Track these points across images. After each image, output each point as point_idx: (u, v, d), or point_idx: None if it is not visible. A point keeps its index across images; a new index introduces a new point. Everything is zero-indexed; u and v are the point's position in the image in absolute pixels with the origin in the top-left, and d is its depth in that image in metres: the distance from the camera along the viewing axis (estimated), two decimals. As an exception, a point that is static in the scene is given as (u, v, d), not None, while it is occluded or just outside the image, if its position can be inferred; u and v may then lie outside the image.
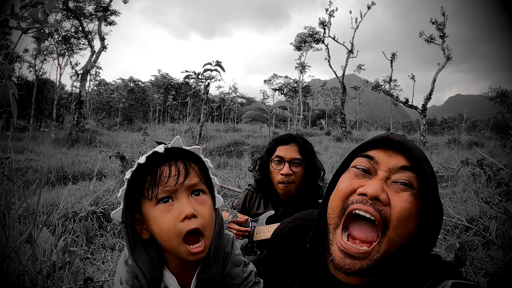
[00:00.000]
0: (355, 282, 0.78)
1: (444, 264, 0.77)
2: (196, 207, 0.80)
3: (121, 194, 0.82)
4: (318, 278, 0.84)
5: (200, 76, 7.83)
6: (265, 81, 47.31)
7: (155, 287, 0.85)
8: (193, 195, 0.82)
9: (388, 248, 0.71)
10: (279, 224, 1.68)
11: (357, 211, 0.72)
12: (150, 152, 0.82)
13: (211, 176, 0.90)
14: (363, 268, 0.71)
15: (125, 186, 0.82)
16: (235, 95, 43.35)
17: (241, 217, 1.77)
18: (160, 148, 0.81)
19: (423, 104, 16.44)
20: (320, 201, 1.74)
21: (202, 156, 0.87)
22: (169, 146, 0.84)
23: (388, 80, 21.75)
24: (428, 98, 16.57)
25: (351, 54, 21.44)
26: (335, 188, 0.82)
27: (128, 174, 0.82)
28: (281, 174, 1.73)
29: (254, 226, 1.79)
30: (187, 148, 0.86)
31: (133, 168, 0.82)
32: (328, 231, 0.79)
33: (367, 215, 0.71)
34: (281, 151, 1.78)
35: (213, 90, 59.76)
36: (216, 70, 7.31)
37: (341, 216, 0.75)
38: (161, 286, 0.87)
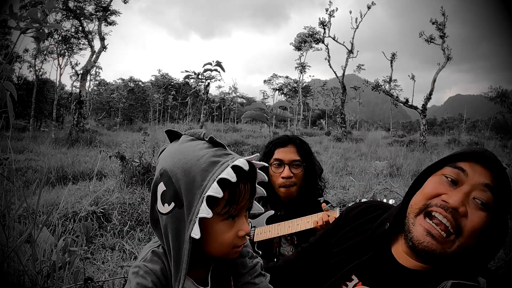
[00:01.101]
0: (414, 266, 0.85)
1: (490, 273, 0.84)
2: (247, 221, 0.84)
3: (207, 212, 0.71)
4: (381, 258, 0.90)
5: (200, 76, 7.83)
6: (265, 81, 47.35)
7: None
8: (247, 212, 0.83)
9: (456, 250, 0.78)
10: (279, 224, 1.68)
11: (436, 214, 0.79)
12: (231, 164, 0.73)
13: (258, 187, 0.86)
14: (436, 252, 0.78)
15: (196, 229, 0.70)
16: (235, 95, 43.39)
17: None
18: (245, 165, 0.74)
19: (423, 104, 16.45)
20: (320, 199, 1.74)
21: (260, 173, 0.83)
22: (251, 160, 0.78)
23: (388, 80, 21.76)
24: (428, 98, 16.58)
25: (351, 54, 21.45)
26: (421, 187, 0.89)
27: (218, 192, 0.70)
28: (282, 177, 1.72)
29: (254, 227, 1.78)
30: (258, 163, 0.81)
31: (216, 181, 0.71)
32: (407, 219, 0.86)
33: (444, 221, 0.78)
34: (280, 153, 1.76)
35: (213, 90, 59.81)
36: (216, 70, 7.31)
37: (421, 210, 0.83)
38: None
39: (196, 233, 0.70)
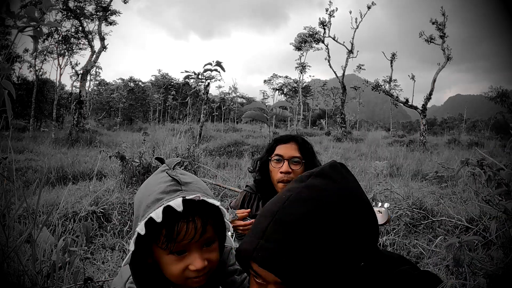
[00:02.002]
0: None
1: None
2: (206, 255, 0.81)
3: (132, 246, 0.76)
4: None
5: (200, 76, 7.83)
6: (265, 81, 47.33)
7: None
8: (204, 246, 0.81)
9: None
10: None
11: None
12: (165, 204, 0.74)
13: (226, 221, 0.85)
14: None
15: (134, 237, 0.76)
16: (235, 95, 43.39)
17: (241, 212, 1.75)
18: (178, 206, 0.74)
19: (423, 104, 16.44)
20: None
21: (221, 207, 0.82)
22: (189, 197, 0.77)
23: (388, 80, 21.76)
24: (428, 98, 16.58)
25: (351, 54, 21.45)
26: None
27: (141, 229, 0.74)
28: (281, 172, 1.73)
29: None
30: (208, 200, 0.79)
31: (145, 220, 0.75)
32: None
33: None
34: (281, 149, 1.79)
35: (213, 90, 59.83)
36: (216, 70, 7.32)
37: None
38: None
39: (126, 262, 0.78)
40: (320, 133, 24.55)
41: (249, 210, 1.76)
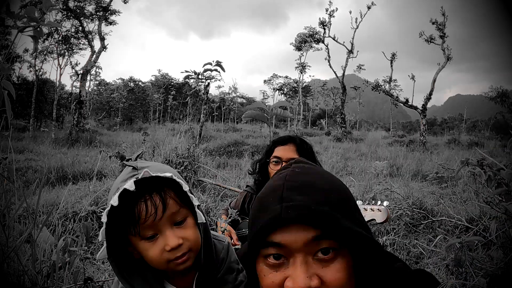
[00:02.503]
0: None
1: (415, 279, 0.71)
2: (180, 233, 0.81)
3: (101, 237, 0.79)
4: None
5: (200, 76, 7.83)
6: (265, 81, 47.33)
7: None
8: (176, 225, 0.82)
9: None
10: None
11: None
12: (121, 189, 0.76)
13: (191, 196, 0.85)
14: None
15: (103, 228, 0.78)
16: (235, 95, 43.38)
17: (235, 240, 1.78)
18: (130, 186, 0.75)
19: (423, 104, 16.44)
20: None
21: (176, 179, 0.81)
22: (139, 177, 0.78)
23: (388, 80, 21.75)
24: (428, 98, 16.57)
25: (351, 54, 21.45)
26: (259, 280, 0.69)
27: (104, 218, 0.77)
28: None
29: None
30: (159, 174, 0.80)
31: (107, 210, 0.77)
32: None
33: None
34: (279, 151, 1.79)
35: (213, 90, 59.83)
36: (216, 70, 7.31)
37: None
38: None
39: (103, 255, 0.81)
40: (320, 133, 24.55)
41: (238, 244, 1.79)
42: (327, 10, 22.19)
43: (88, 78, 27.83)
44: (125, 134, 16.79)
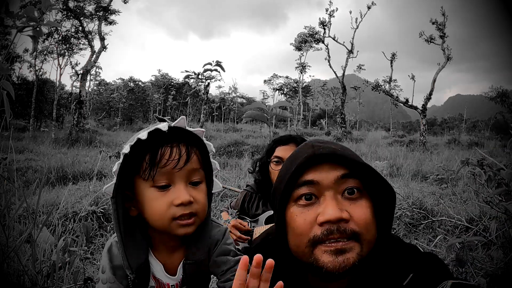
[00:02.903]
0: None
1: (422, 256, 0.76)
2: (193, 193, 0.80)
3: (116, 168, 0.78)
4: None
5: (200, 76, 7.83)
6: (265, 81, 47.32)
7: (141, 275, 0.84)
8: (190, 185, 0.81)
9: (366, 248, 0.70)
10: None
11: (327, 242, 0.68)
12: (152, 128, 0.77)
13: (212, 160, 0.87)
14: (355, 261, 0.67)
15: (120, 160, 0.78)
16: (235, 95, 43.36)
17: (243, 224, 1.77)
18: (163, 126, 0.77)
19: (423, 104, 16.44)
20: None
21: (204, 139, 0.85)
22: (173, 125, 0.80)
23: (388, 80, 21.74)
24: (428, 98, 16.57)
25: (351, 54, 21.45)
26: (287, 227, 0.74)
27: (126, 149, 0.76)
28: None
29: (254, 227, 1.79)
30: (191, 129, 0.83)
31: (132, 143, 0.77)
32: (302, 260, 0.73)
33: (340, 240, 0.67)
34: (280, 151, 1.79)
35: (213, 90, 59.81)
36: (216, 70, 7.31)
37: (312, 246, 0.69)
38: (149, 275, 0.86)
39: (109, 189, 0.79)
40: (320, 133, 24.55)
41: (248, 228, 1.78)
42: (327, 10, 22.19)
43: (88, 78, 27.83)
44: (125, 134, 16.79)
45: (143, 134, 0.76)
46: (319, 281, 0.75)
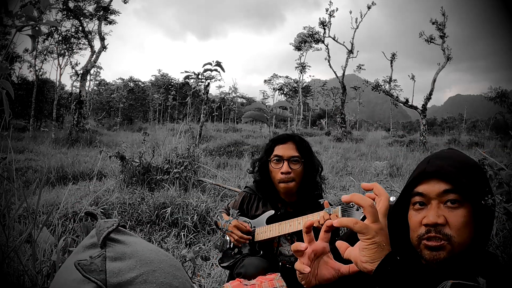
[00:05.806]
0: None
1: (495, 262, 0.91)
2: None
3: None
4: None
5: (200, 76, 7.83)
6: (265, 81, 47.32)
7: None
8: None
9: (457, 248, 0.87)
10: (280, 223, 1.68)
11: (430, 240, 0.88)
12: None
13: None
14: (445, 257, 0.86)
15: None
16: (235, 95, 43.37)
17: (244, 225, 1.76)
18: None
19: (423, 104, 16.44)
20: (320, 200, 1.75)
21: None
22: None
23: (388, 80, 21.74)
24: (428, 98, 16.57)
25: (351, 54, 21.45)
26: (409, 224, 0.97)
27: None
28: (281, 173, 1.74)
29: (255, 227, 1.79)
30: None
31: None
32: (415, 249, 0.95)
33: (436, 238, 0.87)
34: (279, 150, 1.79)
35: (213, 90, 59.80)
36: (216, 70, 7.32)
37: (419, 241, 0.92)
38: None
39: None
40: (320, 133, 24.55)
41: (250, 230, 1.77)
42: (327, 10, 22.19)
43: (88, 78, 27.83)
44: (125, 134, 16.79)
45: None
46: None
